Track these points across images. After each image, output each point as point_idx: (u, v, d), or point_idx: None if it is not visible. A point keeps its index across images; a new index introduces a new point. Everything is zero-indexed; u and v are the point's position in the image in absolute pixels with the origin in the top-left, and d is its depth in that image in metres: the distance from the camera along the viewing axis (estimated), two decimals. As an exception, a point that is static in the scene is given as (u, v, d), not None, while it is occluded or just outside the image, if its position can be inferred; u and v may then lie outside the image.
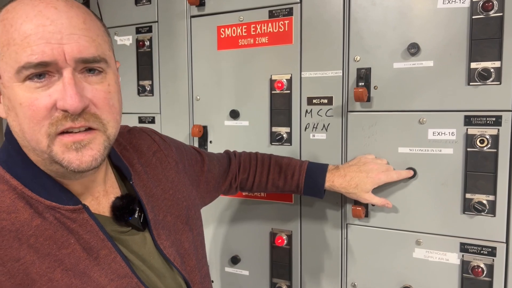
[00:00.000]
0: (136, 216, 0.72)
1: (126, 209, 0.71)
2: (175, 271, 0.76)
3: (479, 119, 1.03)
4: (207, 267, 0.88)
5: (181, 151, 0.93)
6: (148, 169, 0.81)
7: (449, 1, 1.04)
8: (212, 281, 1.38)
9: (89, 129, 0.61)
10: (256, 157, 1.14)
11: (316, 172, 1.10)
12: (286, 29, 1.23)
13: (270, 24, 1.25)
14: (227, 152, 1.15)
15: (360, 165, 1.10)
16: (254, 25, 1.27)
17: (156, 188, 0.80)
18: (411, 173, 1.09)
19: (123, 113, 0.70)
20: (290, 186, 1.11)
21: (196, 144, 1.43)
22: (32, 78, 0.58)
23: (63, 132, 0.60)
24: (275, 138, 1.27)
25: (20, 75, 0.57)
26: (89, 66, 0.61)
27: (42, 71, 0.58)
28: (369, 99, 1.13)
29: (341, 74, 1.17)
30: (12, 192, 0.62)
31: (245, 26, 1.29)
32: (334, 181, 1.08)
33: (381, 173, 1.08)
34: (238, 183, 1.11)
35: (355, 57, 1.15)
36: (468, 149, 1.04)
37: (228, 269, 1.42)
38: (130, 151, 0.81)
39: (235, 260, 1.39)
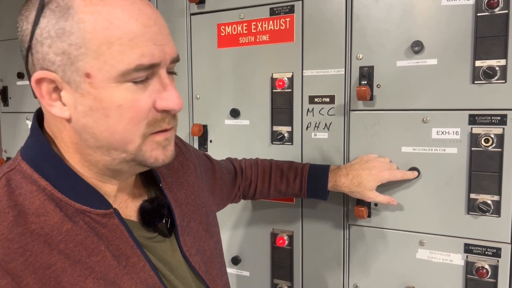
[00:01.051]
0: (163, 221, 0.68)
1: (157, 213, 0.67)
2: (200, 281, 0.73)
3: (483, 118, 1.02)
4: (227, 277, 0.84)
5: (197, 156, 0.90)
6: (171, 172, 0.78)
7: (453, -2, 1.02)
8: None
9: None
10: (256, 163, 1.12)
11: (318, 173, 1.08)
12: (288, 27, 1.21)
13: (271, 22, 1.23)
14: (230, 160, 1.12)
15: (362, 163, 1.08)
16: (254, 23, 1.26)
17: (179, 193, 0.77)
18: (416, 174, 1.08)
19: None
20: (293, 189, 1.09)
21: (196, 144, 1.41)
22: (135, 80, 0.56)
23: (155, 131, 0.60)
24: (276, 138, 1.25)
25: (127, 77, 0.55)
26: (173, 67, 0.62)
27: (149, 74, 0.57)
28: (371, 98, 1.12)
29: (343, 72, 1.15)
30: (42, 193, 0.58)
31: (246, 24, 1.27)
32: (337, 180, 1.07)
33: (385, 171, 1.06)
34: (241, 191, 1.08)
35: (358, 55, 1.13)
36: (473, 149, 1.03)
37: (229, 270, 1.40)
38: None
39: (235, 261, 1.37)
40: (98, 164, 0.61)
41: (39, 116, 0.64)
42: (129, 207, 0.68)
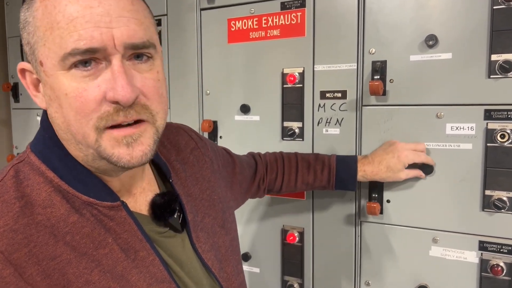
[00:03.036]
0: (175, 216, 0.67)
1: (168, 208, 0.66)
2: (213, 278, 0.71)
3: (499, 113, 1.00)
4: (243, 275, 0.82)
5: (215, 151, 0.88)
6: (186, 167, 0.77)
7: (469, -9, 1.00)
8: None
9: (138, 121, 0.57)
10: (282, 156, 1.10)
11: (347, 164, 1.07)
12: (299, 21, 1.20)
13: (282, 16, 1.22)
14: (251, 154, 1.10)
15: (385, 147, 1.08)
16: (265, 18, 1.24)
17: (193, 187, 0.75)
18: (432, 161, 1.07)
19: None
20: (321, 181, 1.07)
21: (205, 140, 1.40)
22: (78, 65, 0.53)
23: (112, 126, 0.55)
24: (286, 133, 1.24)
25: (66, 62, 0.52)
26: (138, 52, 0.56)
27: (89, 58, 0.53)
28: (384, 93, 1.10)
29: (355, 67, 1.14)
30: (49, 185, 0.58)
31: (256, 19, 1.26)
32: (365, 170, 1.05)
33: (409, 152, 1.05)
34: (266, 184, 1.06)
35: (370, 50, 1.11)
36: (488, 144, 1.01)
37: (239, 266, 1.40)
38: (168, 148, 0.76)
39: (245, 257, 1.37)
40: (83, 161, 0.60)
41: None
42: (138, 201, 0.67)
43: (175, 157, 0.76)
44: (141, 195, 0.68)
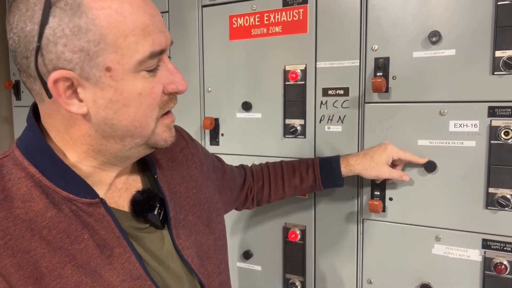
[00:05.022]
0: (156, 212, 0.69)
1: (146, 204, 0.68)
2: (193, 275, 0.73)
3: (503, 110, 0.99)
4: (226, 275, 0.83)
5: (206, 155, 0.91)
6: (174, 165, 0.79)
7: (473, -13, 0.99)
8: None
9: None
10: (266, 165, 1.12)
11: (329, 159, 1.08)
12: (301, 18, 1.19)
13: (284, 13, 1.21)
14: (241, 165, 1.12)
15: (374, 146, 1.10)
16: (267, 14, 1.24)
17: (179, 186, 0.77)
18: (426, 159, 1.07)
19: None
20: (308, 181, 1.08)
21: (207, 137, 1.40)
22: (149, 68, 0.59)
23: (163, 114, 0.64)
24: (288, 131, 1.24)
25: (143, 65, 0.58)
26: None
27: (158, 60, 0.61)
28: (387, 90, 1.09)
29: (358, 64, 1.13)
30: (29, 179, 0.59)
31: (258, 15, 1.25)
32: (349, 160, 1.06)
33: (395, 147, 1.07)
34: (254, 193, 1.08)
35: (373, 46, 1.11)
36: (492, 142, 1.00)
37: (240, 264, 1.39)
38: None
39: (247, 255, 1.36)
40: (107, 152, 0.63)
41: (35, 109, 0.65)
42: (122, 197, 0.69)
43: (162, 155, 0.77)
44: (127, 191, 0.70)
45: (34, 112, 0.65)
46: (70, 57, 0.55)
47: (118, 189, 0.69)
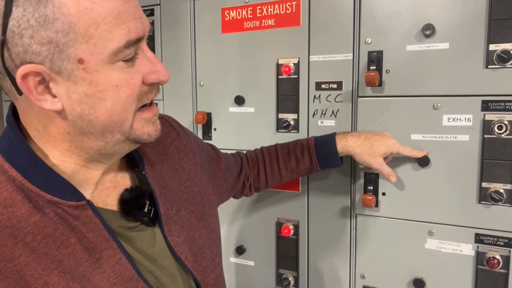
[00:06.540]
0: (145, 210, 0.66)
1: (135, 203, 0.65)
2: (187, 272, 0.71)
3: (497, 104, 0.98)
4: (221, 269, 0.82)
5: (198, 145, 0.87)
6: (165, 158, 0.75)
7: (467, -21, 0.98)
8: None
9: None
10: (261, 150, 1.10)
11: (326, 139, 1.05)
12: (294, 11, 1.17)
13: (277, 6, 1.20)
14: (237, 152, 1.09)
15: (378, 132, 1.07)
16: (260, 7, 1.22)
17: (171, 180, 0.74)
18: (425, 152, 1.05)
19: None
20: (304, 163, 1.05)
21: (200, 132, 1.38)
22: (125, 58, 0.55)
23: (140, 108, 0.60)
24: (281, 125, 1.23)
25: (118, 55, 0.54)
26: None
27: (136, 49, 0.56)
28: (380, 84, 1.08)
29: (351, 57, 1.12)
30: (11, 183, 0.56)
31: (251, 8, 1.23)
32: (347, 140, 1.03)
33: (397, 142, 1.05)
34: (251, 180, 1.05)
35: (366, 40, 1.09)
36: (485, 136, 0.99)
37: (233, 260, 1.39)
38: None
39: (240, 250, 1.35)
40: (90, 150, 0.60)
41: (14, 108, 0.62)
42: (111, 195, 0.66)
43: (152, 148, 0.74)
44: (115, 189, 0.67)
45: (15, 111, 0.61)
46: (38, 50, 0.51)
47: (106, 188, 0.66)
